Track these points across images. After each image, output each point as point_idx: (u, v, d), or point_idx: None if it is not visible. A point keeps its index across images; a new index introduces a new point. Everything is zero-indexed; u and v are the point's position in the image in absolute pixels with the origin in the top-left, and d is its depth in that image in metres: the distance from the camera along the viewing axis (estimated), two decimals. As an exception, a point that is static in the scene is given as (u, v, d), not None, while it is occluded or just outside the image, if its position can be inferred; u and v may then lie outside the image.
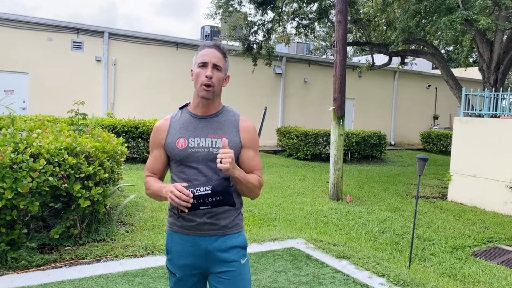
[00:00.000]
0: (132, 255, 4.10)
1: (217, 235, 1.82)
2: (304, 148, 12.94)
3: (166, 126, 1.87)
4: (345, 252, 4.52)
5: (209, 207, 1.68)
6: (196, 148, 1.80)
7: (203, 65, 1.79)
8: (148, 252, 4.20)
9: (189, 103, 1.91)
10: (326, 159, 12.19)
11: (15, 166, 3.46)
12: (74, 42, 12.59)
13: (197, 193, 1.65)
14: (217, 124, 1.84)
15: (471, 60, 21.40)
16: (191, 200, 1.63)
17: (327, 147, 12.70)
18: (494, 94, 8.29)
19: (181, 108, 1.93)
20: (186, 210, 1.65)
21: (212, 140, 1.80)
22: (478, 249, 5.56)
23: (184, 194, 1.63)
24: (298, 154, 13.13)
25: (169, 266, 1.90)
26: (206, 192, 1.65)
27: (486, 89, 10.14)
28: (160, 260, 4.01)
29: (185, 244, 1.84)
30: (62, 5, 78.49)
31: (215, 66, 1.79)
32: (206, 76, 1.76)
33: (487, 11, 10.39)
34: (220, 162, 1.66)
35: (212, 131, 1.82)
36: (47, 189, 3.65)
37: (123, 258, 4.02)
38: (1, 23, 11.61)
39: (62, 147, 3.82)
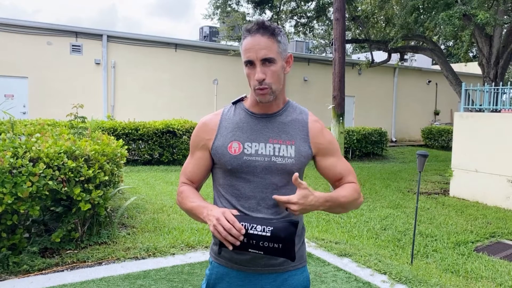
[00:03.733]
0: (133, 257, 4.10)
1: (277, 272, 1.44)
2: (305, 146, 12.92)
3: (216, 123, 1.48)
4: (347, 250, 4.51)
5: (261, 253, 1.27)
6: (253, 156, 1.41)
7: (250, 63, 1.39)
8: (150, 254, 4.20)
9: (245, 97, 1.55)
10: (327, 157, 12.16)
11: (14, 171, 3.47)
12: (73, 45, 12.61)
13: (251, 231, 1.25)
14: (281, 126, 1.46)
15: (471, 55, 21.35)
16: (241, 238, 1.25)
17: (328, 145, 12.67)
18: (494, 89, 8.27)
19: (234, 103, 1.54)
20: (231, 247, 1.25)
21: (274, 147, 1.42)
22: (481, 244, 5.54)
23: (235, 227, 1.23)
24: (299, 153, 13.11)
25: None
26: (264, 234, 1.25)
27: (486, 83, 10.12)
28: (161, 262, 4.01)
29: (234, 281, 1.45)
30: (62, 8, 78.65)
31: (266, 60, 1.37)
32: (257, 80, 1.38)
33: (486, 5, 10.35)
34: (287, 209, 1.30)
35: (275, 134, 1.44)
36: (47, 193, 3.65)
37: (124, 261, 4.02)
38: (1, 29, 11.63)
39: (62, 151, 3.82)
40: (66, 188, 3.76)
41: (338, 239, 5.03)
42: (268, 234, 1.25)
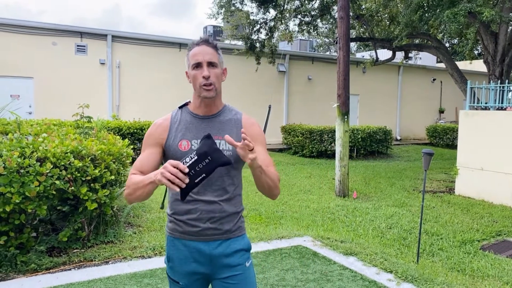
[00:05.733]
0: (140, 256, 4.12)
1: (220, 239, 1.76)
2: (310, 145, 12.92)
3: (167, 125, 1.78)
4: (353, 249, 4.51)
5: (204, 175, 1.46)
6: None
7: (197, 65, 1.70)
8: (156, 253, 4.22)
9: (189, 102, 1.84)
10: (332, 156, 12.17)
11: (22, 171, 3.50)
12: (78, 45, 12.66)
13: (185, 165, 1.44)
14: (220, 124, 1.77)
15: (476, 52, 21.24)
16: (187, 180, 1.41)
17: (332, 144, 12.68)
18: (499, 86, 8.22)
19: (180, 107, 1.84)
20: (177, 189, 1.41)
21: (216, 142, 1.70)
22: (487, 243, 5.52)
23: (179, 169, 1.41)
24: (304, 152, 13.12)
25: (171, 274, 1.82)
26: (193, 159, 1.44)
27: (491, 81, 10.07)
28: (168, 261, 4.03)
29: (188, 250, 1.76)
30: (67, 9, 79.01)
31: (210, 64, 1.70)
32: (204, 77, 1.68)
33: (491, 2, 10.30)
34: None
35: (215, 131, 1.74)
36: (54, 192, 3.68)
37: (131, 260, 4.04)
38: (6, 29, 11.70)
39: (68, 151, 3.84)
40: (72, 188, 3.79)
41: (344, 238, 5.03)
42: (196, 156, 1.45)
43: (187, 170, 1.42)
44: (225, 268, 1.76)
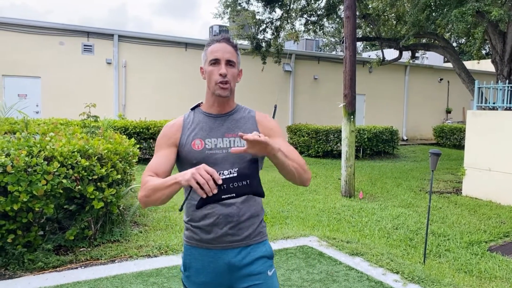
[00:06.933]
0: (146, 255, 4.13)
1: (240, 246, 1.66)
2: (315, 145, 12.89)
3: (180, 126, 1.72)
4: (359, 249, 4.49)
5: (234, 195, 1.40)
6: (214, 150, 1.65)
7: (215, 62, 1.65)
8: (162, 252, 4.23)
9: (201, 103, 1.79)
10: (338, 156, 12.13)
11: (29, 170, 3.52)
12: (84, 45, 12.73)
13: (221, 177, 1.38)
14: (234, 122, 1.71)
15: (483, 52, 21.06)
16: (215, 191, 1.34)
17: (338, 144, 12.64)
18: (508, 86, 8.15)
19: (192, 109, 1.78)
20: (204, 195, 1.34)
21: (230, 140, 1.67)
22: (494, 244, 5.47)
23: (213, 177, 1.34)
24: (310, 152, 13.09)
25: (187, 284, 1.72)
26: (232, 175, 1.39)
27: (499, 81, 9.97)
28: (174, 260, 4.04)
29: (205, 259, 1.67)
30: (73, 9, 79.50)
31: (228, 62, 1.66)
32: (221, 74, 1.63)
33: (499, 1, 10.20)
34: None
35: (229, 130, 1.69)
36: (61, 191, 3.70)
37: (137, 258, 4.06)
38: (14, 29, 11.79)
39: (75, 150, 3.87)
40: (79, 187, 3.80)
41: (350, 238, 5.01)
42: (235, 174, 1.40)
43: (220, 182, 1.36)
44: (246, 277, 1.66)
